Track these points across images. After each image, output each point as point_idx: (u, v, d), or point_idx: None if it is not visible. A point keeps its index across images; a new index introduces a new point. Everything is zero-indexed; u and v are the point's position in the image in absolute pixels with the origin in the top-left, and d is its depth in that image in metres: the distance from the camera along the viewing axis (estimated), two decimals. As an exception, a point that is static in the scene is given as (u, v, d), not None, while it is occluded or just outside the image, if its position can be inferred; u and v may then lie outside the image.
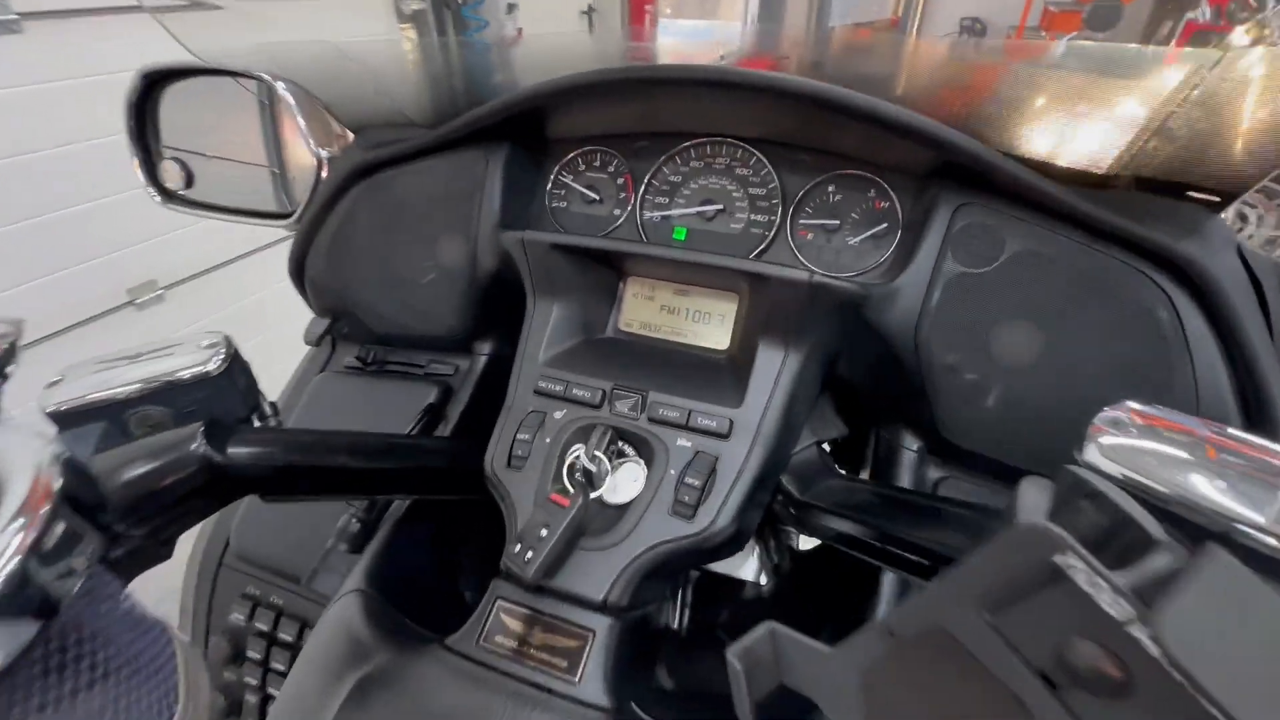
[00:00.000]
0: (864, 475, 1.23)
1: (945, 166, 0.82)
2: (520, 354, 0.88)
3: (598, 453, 0.74)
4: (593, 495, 0.73)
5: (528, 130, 1.04)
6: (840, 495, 0.86)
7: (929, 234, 0.79)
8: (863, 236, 0.93)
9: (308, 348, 1.22)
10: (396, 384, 1.13)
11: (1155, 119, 0.73)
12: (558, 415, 0.82)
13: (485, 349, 1.12)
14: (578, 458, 0.74)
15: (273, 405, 0.74)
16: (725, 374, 0.84)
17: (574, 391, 0.81)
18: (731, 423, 0.76)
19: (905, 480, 0.90)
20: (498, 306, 1.05)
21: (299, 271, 1.15)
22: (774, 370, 0.78)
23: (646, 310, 0.96)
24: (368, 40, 1.01)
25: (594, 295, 0.95)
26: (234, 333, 0.68)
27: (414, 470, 0.82)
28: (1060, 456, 0.80)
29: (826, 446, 0.99)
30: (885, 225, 0.92)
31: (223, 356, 0.64)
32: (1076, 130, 0.80)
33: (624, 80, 0.85)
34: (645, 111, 0.99)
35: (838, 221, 0.94)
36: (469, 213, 1.01)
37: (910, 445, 0.90)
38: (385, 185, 1.06)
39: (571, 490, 0.72)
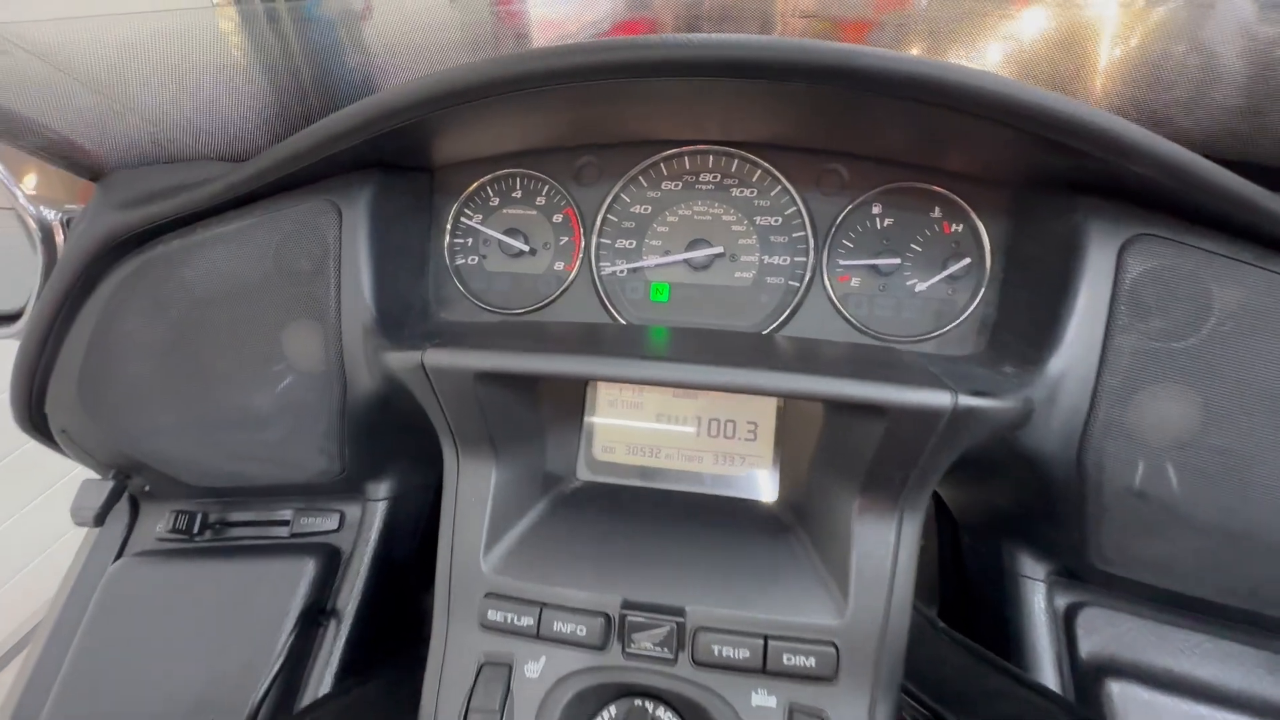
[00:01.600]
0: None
1: (1071, 173, 0.54)
2: (445, 553, 0.52)
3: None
4: None
5: (403, 152, 0.65)
6: (963, 674, 0.58)
7: (1081, 285, 0.51)
8: (935, 279, 0.64)
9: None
10: (246, 564, 0.73)
11: None
12: (532, 671, 0.47)
13: (382, 491, 0.74)
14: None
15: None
16: (795, 545, 0.52)
17: (556, 626, 0.47)
18: (836, 651, 0.45)
19: (1027, 619, 0.64)
20: (392, 430, 0.67)
21: (34, 410, 0.70)
22: (887, 546, 0.48)
23: (632, 430, 0.62)
24: (84, 14, 0.56)
25: (549, 421, 0.60)
26: None
27: None
28: None
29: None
30: (967, 261, 0.63)
31: None
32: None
33: (564, 68, 0.49)
34: (591, 114, 0.63)
35: (897, 259, 0.65)
36: (320, 302, 0.61)
37: (1034, 574, 0.63)
38: (169, 265, 0.64)
39: None
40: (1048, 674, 0.60)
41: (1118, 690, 0.59)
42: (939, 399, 0.43)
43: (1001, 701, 0.54)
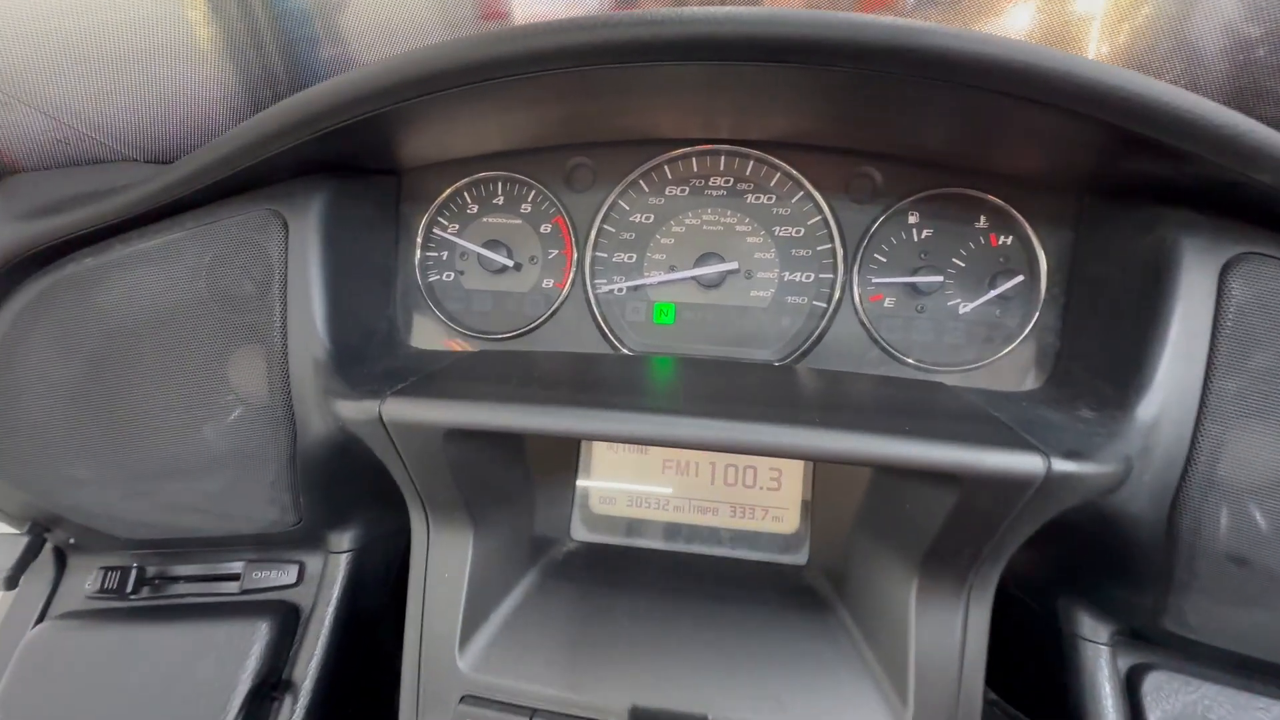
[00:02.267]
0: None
1: (1156, 179, 0.46)
2: (413, 646, 0.43)
3: None
4: None
5: (363, 153, 0.55)
6: None
7: (1175, 314, 0.43)
8: (982, 299, 0.56)
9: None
10: (189, 627, 0.63)
11: None
12: (522, 798, 0.38)
13: (345, 541, 0.64)
14: None
15: None
16: (835, 626, 0.44)
17: None
18: (896, 768, 0.37)
19: (1088, 687, 0.56)
20: (354, 476, 0.58)
21: None
22: (954, 634, 0.39)
23: (636, 488, 0.53)
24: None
25: (537, 474, 0.51)
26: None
27: None
28: None
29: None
30: (1019, 279, 0.55)
31: None
32: None
33: (555, 49, 0.40)
34: (585, 108, 0.54)
35: (939, 278, 0.56)
36: (263, 333, 0.51)
37: (1096, 636, 0.55)
38: (81, 288, 0.55)
39: None
40: (1113, 752, 0.53)
41: (1194, 771, 0.52)
42: (1028, 465, 0.35)
43: None
